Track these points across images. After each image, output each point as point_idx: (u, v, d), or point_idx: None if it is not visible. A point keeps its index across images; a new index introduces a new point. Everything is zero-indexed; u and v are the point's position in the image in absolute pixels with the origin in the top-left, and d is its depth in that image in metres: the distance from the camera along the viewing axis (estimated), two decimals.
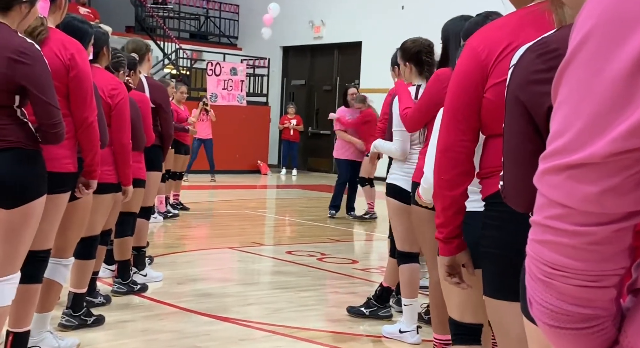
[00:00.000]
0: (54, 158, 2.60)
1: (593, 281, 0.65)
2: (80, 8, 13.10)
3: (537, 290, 0.68)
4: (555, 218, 0.64)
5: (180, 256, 5.56)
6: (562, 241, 0.64)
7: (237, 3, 16.33)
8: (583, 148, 0.61)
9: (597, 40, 0.60)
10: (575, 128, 0.61)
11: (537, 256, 0.67)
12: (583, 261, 0.64)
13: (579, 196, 0.62)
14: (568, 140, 0.62)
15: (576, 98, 0.62)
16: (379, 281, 4.13)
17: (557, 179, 0.63)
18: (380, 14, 13.23)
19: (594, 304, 0.66)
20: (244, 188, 11.45)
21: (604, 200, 0.62)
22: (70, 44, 2.66)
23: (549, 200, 0.65)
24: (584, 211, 0.63)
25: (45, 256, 2.74)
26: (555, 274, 0.66)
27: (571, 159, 0.62)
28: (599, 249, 0.64)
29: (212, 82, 13.15)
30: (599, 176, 0.61)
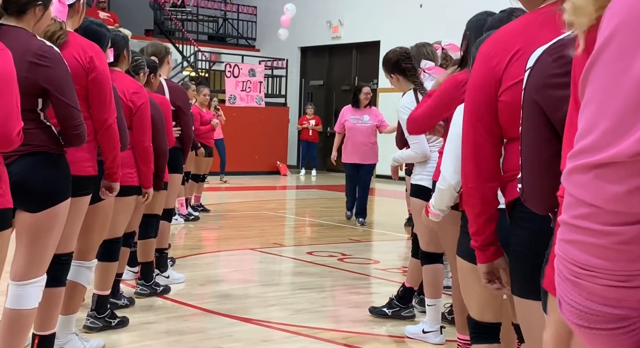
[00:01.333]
0: (74, 161, 2.62)
1: (622, 281, 0.65)
2: (100, 12, 13.25)
3: (566, 290, 0.68)
4: (583, 217, 0.65)
5: (201, 257, 5.59)
6: (591, 241, 0.65)
7: (254, 5, 16.39)
8: (610, 147, 0.61)
9: (622, 40, 0.60)
10: (601, 127, 0.62)
11: (566, 256, 0.67)
12: (612, 261, 0.64)
13: (606, 195, 0.63)
14: (595, 139, 0.62)
15: (602, 97, 0.62)
16: (401, 281, 4.11)
17: (585, 178, 0.64)
18: (398, 13, 13.18)
19: (624, 304, 0.66)
20: (264, 189, 11.47)
21: (631, 199, 0.62)
22: (89, 48, 2.69)
23: (576, 199, 0.65)
24: (612, 211, 0.63)
25: (68, 259, 2.76)
26: (584, 274, 0.66)
27: (598, 158, 0.62)
28: (628, 249, 0.64)
29: (231, 84, 13.21)
30: (625, 175, 0.61)
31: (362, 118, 7.25)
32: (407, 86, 3.59)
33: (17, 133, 2.09)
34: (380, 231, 7.34)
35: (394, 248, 6.36)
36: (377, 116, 7.42)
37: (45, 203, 2.42)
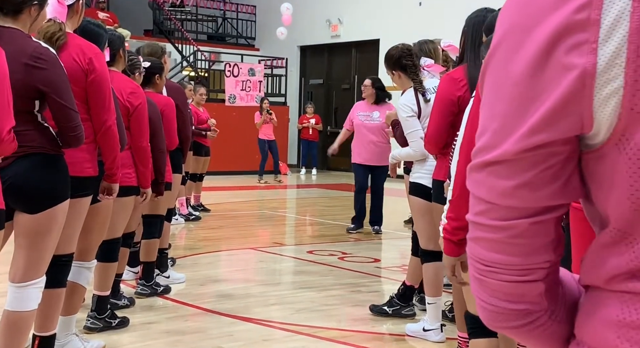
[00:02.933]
0: (74, 162, 2.62)
1: (521, 275, 0.69)
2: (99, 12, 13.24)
3: (475, 289, 0.73)
4: (481, 214, 0.69)
5: (202, 257, 5.59)
6: (489, 237, 0.69)
7: (253, 4, 16.37)
8: (498, 146, 0.66)
9: (504, 46, 0.66)
10: (491, 128, 0.67)
11: (472, 254, 0.72)
12: (509, 255, 0.68)
13: (498, 190, 0.67)
14: (487, 139, 0.68)
15: (492, 100, 0.68)
16: (401, 279, 4.10)
17: (480, 176, 0.68)
18: (397, 11, 13.17)
19: (524, 299, 0.70)
20: (264, 188, 11.47)
21: (520, 194, 0.66)
22: (88, 49, 2.68)
23: (475, 197, 0.70)
24: (504, 206, 0.67)
25: (68, 260, 2.76)
26: (487, 270, 0.70)
27: (489, 157, 0.67)
28: (523, 242, 0.68)
29: (231, 84, 13.21)
30: (513, 172, 0.66)
31: (372, 115, 6.46)
32: (408, 84, 3.58)
33: (7, 131, 2.07)
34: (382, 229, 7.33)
35: (394, 247, 6.36)
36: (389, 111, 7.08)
37: (44, 204, 2.42)
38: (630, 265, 0.66)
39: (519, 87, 0.64)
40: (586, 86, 0.62)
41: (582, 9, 0.61)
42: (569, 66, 0.62)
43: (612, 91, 0.62)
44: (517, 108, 0.65)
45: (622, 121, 0.62)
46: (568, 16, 0.62)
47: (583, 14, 0.61)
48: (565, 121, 0.64)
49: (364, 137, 6.46)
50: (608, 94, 0.62)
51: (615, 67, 0.61)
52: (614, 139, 0.64)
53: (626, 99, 0.61)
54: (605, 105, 0.62)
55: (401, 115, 3.42)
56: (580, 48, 0.61)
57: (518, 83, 0.64)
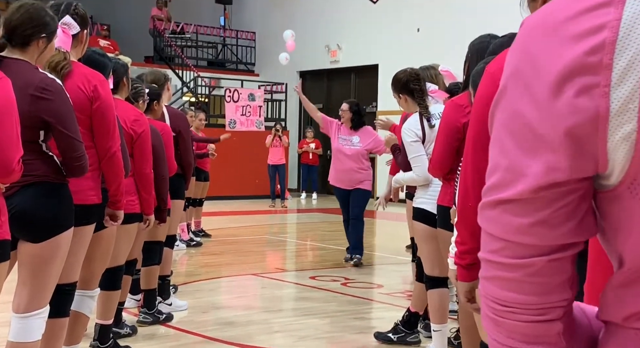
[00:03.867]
0: (78, 190, 2.61)
1: (539, 315, 0.68)
2: (101, 40, 13.38)
3: (491, 330, 0.71)
4: (495, 252, 0.68)
5: (203, 284, 5.55)
6: (505, 275, 0.68)
7: (253, 30, 16.54)
8: (512, 185, 0.66)
9: (514, 84, 0.66)
10: (503, 165, 0.67)
11: (486, 293, 0.70)
12: (526, 294, 0.67)
13: (513, 227, 0.66)
14: (499, 177, 0.67)
15: (502, 138, 0.67)
16: (405, 305, 4.07)
17: (493, 214, 0.68)
18: (395, 37, 13.30)
19: (543, 340, 0.68)
20: (265, 213, 11.45)
21: (537, 231, 0.66)
22: (93, 77, 2.70)
23: (489, 235, 0.69)
24: (520, 243, 0.66)
25: (72, 289, 2.74)
26: (503, 310, 0.69)
27: (504, 195, 0.66)
28: (540, 280, 0.67)
29: (231, 109, 13.27)
30: (529, 210, 0.66)
31: (352, 140, 6.11)
32: (414, 108, 3.57)
33: (17, 161, 2.09)
34: (383, 255, 7.30)
35: (397, 272, 6.32)
36: (370, 137, 6.19)
37: (47, 233, 2.41)
38: None
39: (530, 127, 0.64)
40: (599, 129, 0.62)
41: (594, 52, 0.61)
42: (580, 108, 0.62)
43: (625, 135, 0.61)
44: (530, 148, 0.65)
45: (634, 165, 0.62)
46: (579, 57, 0.62)
47: (595, 57, 0.61)
48: (580, 160, 0.63)
49: (342, 164, 6.09)
50: (621, 137, 0.62)
51: (628, 111, 0.61)
52: (626, 183, 0.64)
53: (639, 143, 0.61)
54: (618, 148, 0.62)
55: (405, 139, 3.42)
56: (591, 91, 0.61)
57: (529, 123, 0.64)
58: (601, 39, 0.61)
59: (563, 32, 0.63)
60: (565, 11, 0.63)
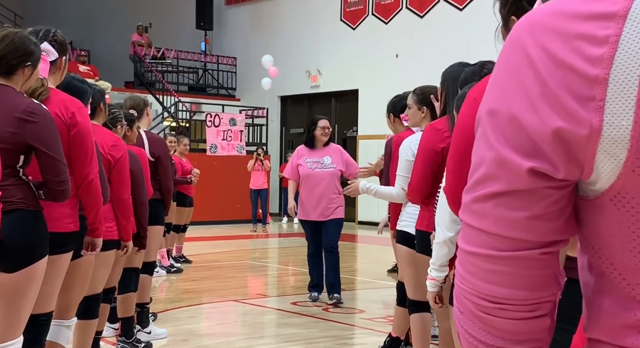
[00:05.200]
0: (55, 218, 2.58)
1: (531, 311, 0.66)
2: (80, 66, 13.34)
3: (472, 328, 0.68)
4: (486, 245, 0.66)
5: (183, 311, 5.47)
6: (496, 269, 0.66)
7: (234, 55, 16.63)
8: (501, 176, 0.64)
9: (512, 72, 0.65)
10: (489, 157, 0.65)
11: (473, 290, 0.67)
12: (519, 288, 0.66)
13: (507, 222, 0.65)
14: (485, 170, 0.66)
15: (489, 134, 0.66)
16: (387, 330, 4.05)
17: (484, 208, 0.66)
18: (375, 63, 13.46)
19: (532, 337, 0.67)
20: (247, 237, 11.38)
21: (533, 226, 0.65)
22: (71, 103, 2.69)
23: (477, 230, 0.67)
24: (511, 238, 0.65)
25: (47, 319, 2.68)
26: (494, 308, 0.66)
27: (498, 188, 0.65)
28: (532, 273, 0.66)
29: (212, 134, 13.27)
30: (525, 203, 0.64)
31: (322, 161, 5.42)
32: (423, 124, 3.37)
33: None
34: (365, 279, 7.27)
35: (379, 297, 6.29)
36: (341, 156, 5.50)
37: (22, 262, 2.37)
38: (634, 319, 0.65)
39: (518, 121, 0.63)
40: (591, 140, 0.62)
41: (593, 63, 0.61)
42: (574, 117, 0.62)
43: (615, 151, 0.61)
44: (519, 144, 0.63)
45: (621, 180, 0.62)
46: (581, 67, 0.61)
47: (594, 71, 0.61)
48: (568, 163, 0.63)
49: (314, 189, 5.36)
50: (611, 152, 0.62)
51: (621, 128, 0.61)
52: (609, 195, 0.64)
53: (629, 161, 0.61)
54: (606, 162, 0.62)
55: (402, 155, 3.31)
56: (587, 104, 0.61)
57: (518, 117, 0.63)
58: (601, 53, 0.61)
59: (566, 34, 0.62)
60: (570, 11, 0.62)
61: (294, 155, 5.67)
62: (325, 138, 5.49)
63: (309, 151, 5.53)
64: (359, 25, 14.12)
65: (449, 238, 2.29)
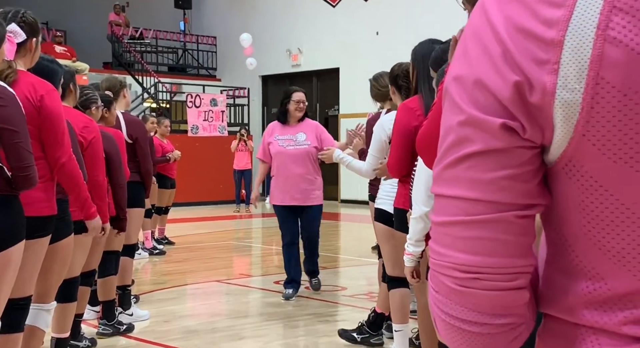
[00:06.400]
0: (30, 202, 2.55)
1: (509, 280, 0.64)
2: (56, 46, 13.10)
3: (449, 305, 0.66)
4: (460, 212, 0.64)
5: (166, 292, 5.47)
6: (472, 235, 0.64)
7: (214, 35, 16.44)
8: (474, 138, 0.63)
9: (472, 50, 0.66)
10: (457, 121, 0.64)
11: (448, 262, 0.66)
12: (496, 256, 0.64)
13: (483, 183, 0.63)
14: (456, 135, 0.64)
15: (458, 99, 0.66)
16: (369, 307, 4.09)
17: (456, 172, 0.65)
18: (355, 40, 13.39)
19: (511, 311, 0.65)
20: (230, 218, 11.37)
21: (509, 186, 0.63)
22: (40, 86, 2.64)
23: (450, 198, 0.65)
24: (488, 201, 0.64)
25: (26, 304, 2.67)
26: (469, 278, 0.64)
27: (473, 149, 0.64)
28: (509, 239, 0.64)
29: (193, 114, 13.15)
30: (500, 163, 0.63)
31: (296, 138, 4.88)
32: (398, 102, 3.34)
33: None
34: (347, 257, 7.32)
35: (362, 274, 6.34)
36: (316, 132, 4.92)
37: None
38: (587, 294, 0.65)
39: (483, 83, 0.63)
40: (545, 103, 0.62)
41: (550, 25, 0.61)
42: (532, 80, 0.62)
43: (568, 114, 0.61)
44: (486, 105, 0.63)
45: (572, 146, 0.62)
46: (538, 30, 0.62)
47: (550, 33, 0.61)
48: (532, 126, 0.63)
49: (287, 169, 4.84)
50: (564, 116, 0.62)
51: (574, 91, 0.61)
52: (561, 164, 0.64)
53: (580, 124, 0.61)
54: (560, 126, 0.62)
55: (376, 134, 3.32)
56: (543, 67, 0.61)
57: (482, 79, 0.63)
58: (558, 15, 0.61)
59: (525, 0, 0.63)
60: None
61: (265, 132, 5.11)
62: (299, 114, 4.89)
63: (282, 127, 4.94)
64: (339, 3, 14.01)
65: (425, 213, 2.31)
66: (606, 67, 0.60)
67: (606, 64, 0.59)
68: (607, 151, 0.61)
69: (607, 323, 0.64)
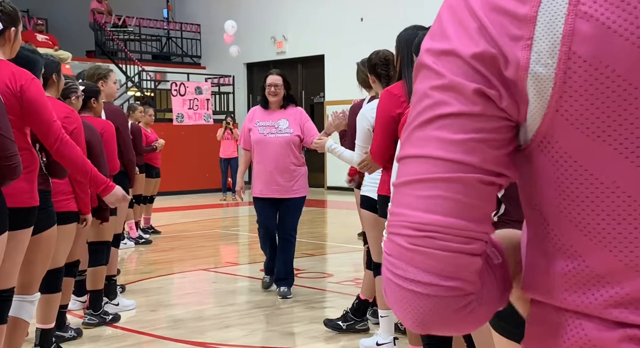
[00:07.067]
0: (12, 193, 2.53)
1: (463, 243, 0.63)
2: (38, 35, 12.92)
3: (399, 267, 0.64)
4: (423, 171, 0.64)
5: (152, 281, 5.47)
6: (431, 193, 0.63)
7: (198, 22, 16.30)
8: (452, 102, 0.63)
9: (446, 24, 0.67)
10: (431, 85, 0.64)
11: (404, 221, 0.64)
12: (453, 216, 0.63)
13: (451, 143, 0.63)
14: (435, 99, 0.64)
15: (432, 70, 0.65)
16: (354, 293, 4.11)
17: (426, 132, 0.64)
18: (340, 27, 13.34)
19: (461, 275, 0.63)
20: (216, 206, 11.36)
21: (476, 148, 0.63)
22: (20, 75, 2.61)
23: (418, 158, 0.65)
24: (454, 161, 0.63)
25: (9, 295, 2.66)
26: (422, 236, 0.63)
27: (446, 110, 0.63)
28: (469, 201, 0.63)
29: (178, 103, 13.07)
30: (471, 126, 0.63)
31: (277, 125, 4.56)
32: (379, 90, 3.39)
33: None
34: (334, 244, 7.35)
35: (348, 261, 6.37)
36: (300, 120, 4.62)
37: None
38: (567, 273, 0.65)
39: (456, 53, 0.63)
40: (519, 78, 0.62)
41: (523, 2, 0.62)
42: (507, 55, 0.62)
43: (541, 89, 0.62)
44: (464, 72, 0.63)
45: (546, 122, 0.63)
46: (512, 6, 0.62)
47: (524, 9, 0.62)
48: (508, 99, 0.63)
49: (267, 159, 4.52)
50: (537, 91, 0.62)
51: (547, 66, 0.61)
52: (536, 141, 0.64)
53: (553, 99, 0.62)
54: (533, 101, 0.63)
55: (359, 124, 3.32)
56: (517, 43, 0.62)
57: (456, 50, 0.64)
58: None
59: None
60: None
61: (246, 118, 4.77)
62: (273, 99, 4.55)
63: (264, 112, 4.61)
64: None
65: None
66: (577, 42, 0.60)
67: (577, 39, 0.60)
68: (580, 126, 0.61)
69: (588, 306, 0.64)
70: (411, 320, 0.65)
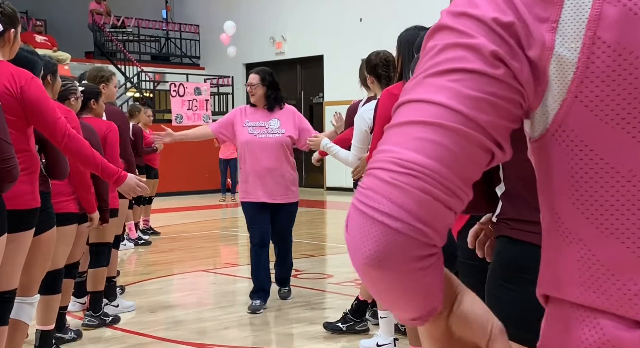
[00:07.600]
0: (14, 195, 2.52)
1: (444, 194, 0.60)
2: (37, 36, 12.92)
3: (372, 198, 0.61)
4: (429, 116, 0.62)
5: (152, 283, 5.47)
6: (426, 137, 0.61)
7: (197, 23, 16.29)
8: (471, 59, 0.62)
9: None
10: (456, 43, 0.64)
11: (390, 157, 0.61)
12: (441, 162, 0.61)
13: (464, 96, 0.61)
14: (456, 53, 0.63)
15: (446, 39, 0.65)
16: (354, 294, 4.11)
17: (442, 81, 0.62)
18: (339, 27, 13.34)
19: (432, 224, 0.60)
20: (216, 207, 11.35)
21: (485, 108, 0.62)
22: (19, 76, 2.61)
23: (427, 103, 0.62)
24: (463, 113, 0.61)
25: (11, 297, 2.66)
26: (406, 174, 0.60)
27: (467, 66, 0.62)
28: (461, 154, 0.61)
29: (177, 103, 13.06)
30: (483, 86, 0.62)
31: (268, 125, 4.27)
32: (377, 92, 3.42)
33: None
34: (333, 245, 7.35)
35: (347, 261, 6.29)
36: (293, 119, 4.34)
37: None
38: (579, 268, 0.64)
39: (485, 21, 0.63)
40: (543, 58, 0.62)
41: None
42: (533, 35, 0.62)
43: (563, 73, 0.62)
44: (488, 34, 0.63)
45: (563, 109, 0.62)
46: None
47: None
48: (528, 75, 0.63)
49: (257, 162, 4.19)
50: (559, 74, 0.62)
51: (571, 50, 0.61)
52: (552, 130, 0.64)
53: (574, 84, 0.61)
54: (554, 84, 0.62)
55: (356, 125, 3.32)
56: (543, 24, 0.62)
57: (484, 17, 0.63)
58: None
59: None
60: None
61: (235, 110, 4.45)
62: (252, 98, 4.32)
63: (254, 111, 4.31)
64: None
65: None
66: (603, 27, 0.60)
67: (603, 24, 0.60)
68: (599, 112, 0.61)
69: (604, 302, 0.62)
70: (367, 253, 0.60)
